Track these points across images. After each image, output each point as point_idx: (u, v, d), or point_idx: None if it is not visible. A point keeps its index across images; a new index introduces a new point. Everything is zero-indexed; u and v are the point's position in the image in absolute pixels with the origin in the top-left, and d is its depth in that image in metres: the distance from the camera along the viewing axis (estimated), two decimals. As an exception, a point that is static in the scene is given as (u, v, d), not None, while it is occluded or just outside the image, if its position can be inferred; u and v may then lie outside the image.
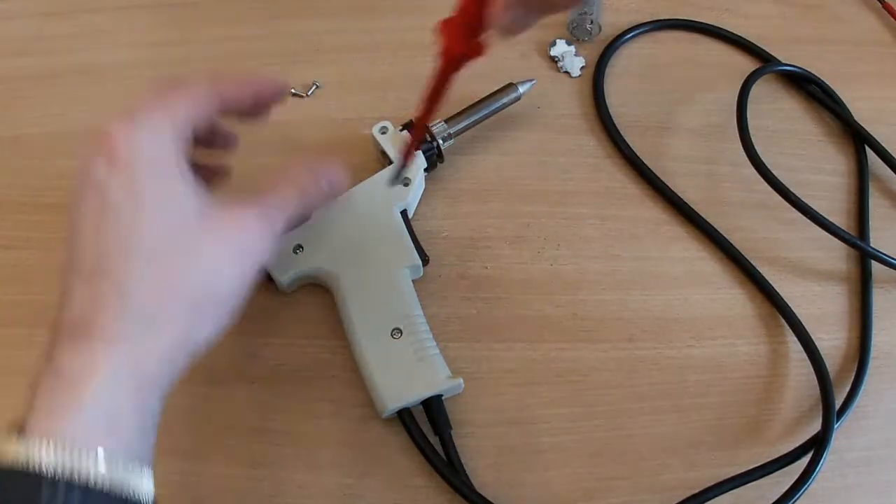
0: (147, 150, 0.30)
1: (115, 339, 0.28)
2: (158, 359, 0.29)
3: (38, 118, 0.49)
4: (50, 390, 0.27)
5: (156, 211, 0.30)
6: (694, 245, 0.46)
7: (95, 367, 0.28)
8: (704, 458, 0.40)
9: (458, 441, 0.39)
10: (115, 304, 0.28)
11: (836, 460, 0.39)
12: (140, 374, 0.28)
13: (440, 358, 0.39)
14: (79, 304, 0.29)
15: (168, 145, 0.31)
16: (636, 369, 0.42)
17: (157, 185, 0.30)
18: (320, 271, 0.41)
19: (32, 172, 0.47)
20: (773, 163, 0.45)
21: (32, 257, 0.44)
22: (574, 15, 0.52)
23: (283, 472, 0.39)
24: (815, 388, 0.41)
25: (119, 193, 0.29)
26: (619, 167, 0.48)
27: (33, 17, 0.54)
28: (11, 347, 0.42)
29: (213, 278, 0.31)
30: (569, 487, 0.39)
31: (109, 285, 0.29)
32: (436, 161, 0.45)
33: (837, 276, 0.45)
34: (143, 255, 0.29)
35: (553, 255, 0.45)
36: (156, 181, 0.30)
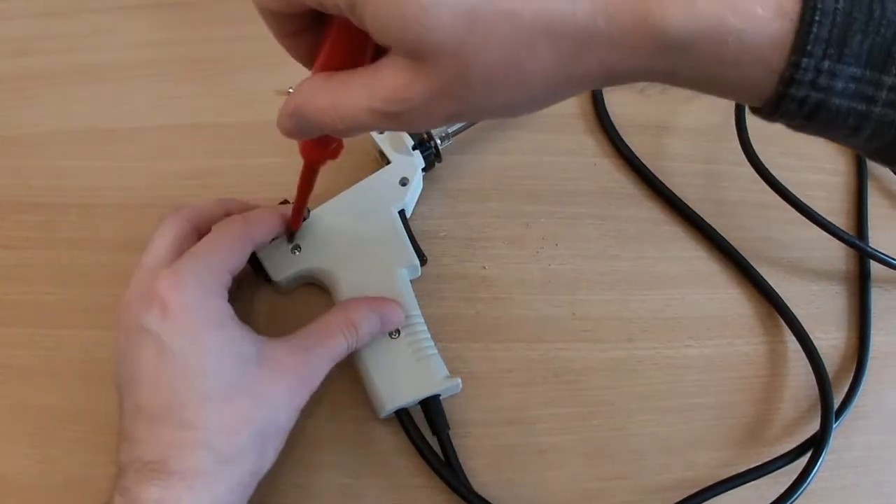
0: (197, 301, 0.33)
1: (195, 477, 0.31)
2: (232, 491, 0.32)
3: (38, 118, 0.49)
4: None
5: (218, 355, 0.33)
6: (693, 245, 0.46)
7: (179, 500, 0.30)
8: (703, 458, 0.40)
9: (457, 441, 0.39)
10: (193, 446, 0.31)
11: (835, 460, 0.39)
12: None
13: (438, 358, 0.39)
14: (154, 446, 0.31)
15: (216, 295, 0.34)
16: (635, 369, 0.42)
17: (214, 331, 0.33)
18: (318, 271, 0.41)
19: (32, 172, 0.47)
20: (772, 163, 0.45)
21: (32, 257, 0.44)
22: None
23: (282, 472, 0.39)
24: (813, 388, 0.41)
25: (177, 340, 0.32)
26: (618, 167, 0.48)
27: (33, 17, 0.54)
28: (11, 347, 0.42)
29: (275, 413, 0.34)
30: (567, 487, 0.39)
31: (182, 429, 0.31)
32: (434, 161, 0.45)
33: (836, 276, 0.45)
34: (213, 399, 0.32)
35: (552, 255, 0.45)
36: (212, 328, 0.33)
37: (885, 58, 0.23)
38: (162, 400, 0.32)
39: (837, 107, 0.23)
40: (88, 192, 0.46)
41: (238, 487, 0.32)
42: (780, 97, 0.24)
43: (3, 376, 0.41)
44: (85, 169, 0.47)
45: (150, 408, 0.32)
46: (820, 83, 0.23)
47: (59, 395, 0.40)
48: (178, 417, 0.32)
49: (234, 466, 0.32)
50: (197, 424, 0.32)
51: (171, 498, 0.30)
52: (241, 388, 0.33)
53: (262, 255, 0.41)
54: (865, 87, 0.23)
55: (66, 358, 0.41)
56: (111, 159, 0.47)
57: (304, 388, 0.35)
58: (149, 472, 0.31)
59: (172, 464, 0.31)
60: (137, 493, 0.30)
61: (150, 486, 0.30)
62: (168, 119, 0.49)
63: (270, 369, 0.34)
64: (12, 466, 0.39)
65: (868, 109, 0.23)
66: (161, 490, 0.30)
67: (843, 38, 0.22)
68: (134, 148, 0.48)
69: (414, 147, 0.44)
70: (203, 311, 0.33)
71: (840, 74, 0.23)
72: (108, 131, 0.49)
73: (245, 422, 0.32)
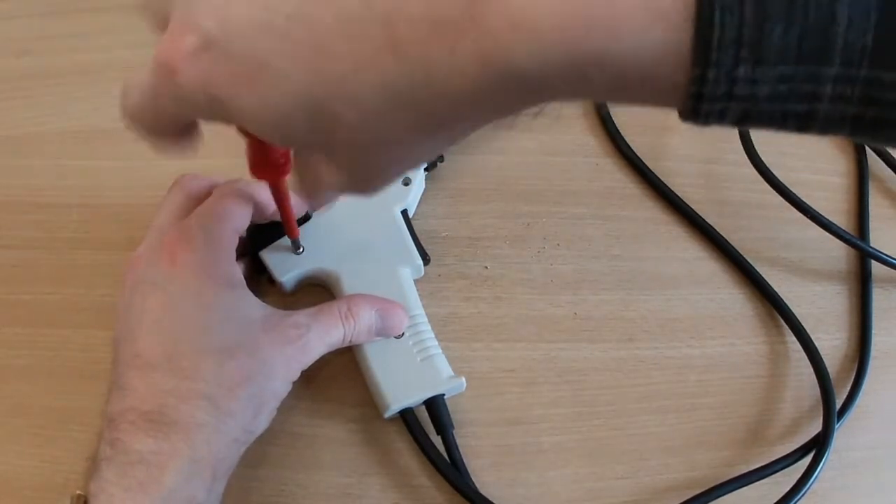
0: (206, 257, 0.33)
1: (192, 429, 0.30)
2: (229, 447, 0.32)
3: (38, 118, 0.49)
4: (125, 472, 0.29)
5: (223, 313, 0.33)
6: (694, 245, 0.46)
7: (176, 453, 0.30)
8: (705, 459, 0.40)
9: (460, 441, 0.39)
10: (191, 396, 0.31)
11: (837, 460, 0.39)
12: (214, 459, 0.31)
13: (442, 357, 0.39)
14: (151, 395, 0.31)
15: (224, 253, 0.34)
16: (636, 369, 0.42)
17: (221, 289, 0.33)
18: (321, 271, 0.41)
19: (33, 172, 0.47)
20: (773, 163, 0.45)
21: (32, 257, 0.44)
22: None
23: (284, 472, 0.39)
24: (815, 389, 0.41)
25: (184, 293, 0.32)
26: (619, 167, 0.48)
27: (33, 17, 0.54)
28: (11, 347, 0.41)
29: (272, 379, 0.33)
30: (570, 487, 0.39)
31: (184, 380, 0.31)
32: (436, 161, 0.45)
33: (837, 276, 0.45)
34: (213, 354, 0.32)
35: (553, 255, 0.45)
36: (219, 286, 0.33)
37: (821, 45, 0.18)
38: (162, 349, 0.31)
39: (770, 113, 0.19)
40: (89, 192, 0.46)
41: (234, 444, 0.32)
42: (695, 113, 0.19)
43: (3, 376, 0.41)
44: (85, 169, 0.47)
45: (149, 356, 0.31)
46: (738, 93, 0.19)
47: (59, 395, 0.40)
48: (178, 367, 0.31)
49: (231, 421, 0.31)
50: (196, 376, 0.31)
51: (168, 450, 0.29)
52: (243, 347, 0.32)
53: (265, 256, 0.41)
54: (803, 86, 0.19)
55: (66, 358, 0.41)
56: (111, 159, 0.47)
57: (300, 361, 0.35)
58: (145, 423, 0.30)
59: (170, 413, 0.30)
60: (130, 444, 0.29)
61: (146, 436, 0.29)
62: (169, 119, 0.49)
63: (272, 336, 0.34)
64: (12, 466, 0.38)
65: (812, 108, 0.19)
66: (157, 441, 0.29)
67: (759, 35, 0.18)
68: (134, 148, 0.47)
69: (416, 147, 0.44)
70: (211, 269, 0.33)
71: (764, 79, 0.18)
72: (108, 131, 0.49)
73: (244, 379, 0.32)
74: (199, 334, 0.32)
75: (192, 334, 0.32)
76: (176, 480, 0.29)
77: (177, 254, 0.33)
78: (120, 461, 0.29)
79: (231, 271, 0.34)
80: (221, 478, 0.32)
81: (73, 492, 0.29)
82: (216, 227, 0.34)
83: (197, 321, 0.32)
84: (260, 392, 0.33)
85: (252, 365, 0.32)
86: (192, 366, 0.31)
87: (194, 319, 0.32)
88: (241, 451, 0.33)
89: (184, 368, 0.31)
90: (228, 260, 0.34)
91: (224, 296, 0.33)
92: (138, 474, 0.29)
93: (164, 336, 0.32)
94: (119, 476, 0.29)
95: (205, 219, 0.35)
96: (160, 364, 0.31)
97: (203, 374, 0.31)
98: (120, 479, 0.29)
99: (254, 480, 0.38)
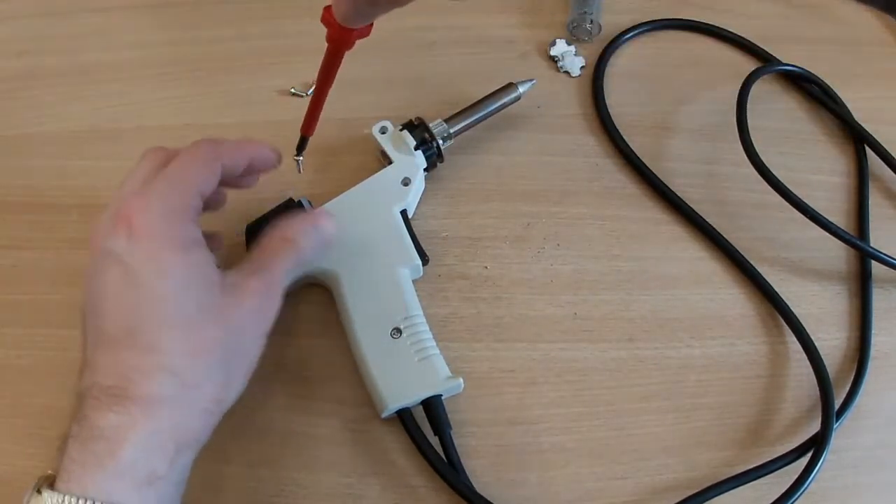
0: (164, 223, 0.32)
1: (153, 402, 0.30)
2: (195, 419, 0.31)
3: (38, 118, 0.49)
4: (85, 447, 0.29)
5: (183, 280, 0.32)
6: (694, 245, 0.46)
7: (135, 427, 0.29)
8: (704, 458, 0.40)
9: (458, 441, 0.39)
10: (153, 369, 0.30)
11: (836, 460, 0.39)
12: (178, 433, 0.30)
13: (440, 358, 0.39)
14: (113, 370, 0.30)
15: (183, 219, 0.33)
16: (636, 369, 0.42)
17: (179, 255, 0.32)
18: (320, 271, 0.41)
19: (32, 172, 0.47)
20: (773, 163, 0.45)
21: (32, 257, 0.44)
22: (574, 14, 0.52)
23: (283, 472, 0.39)
24: (814, 388, 0.41)
25: (141, 267, 0.31)
26: (619, 167, 0.48)
27: (33, 17, 0.54)
28: (11, 347, 0.42)
29: (240, 337, 0.33)
30: (569, 487, 0.39)
31: (145, 353, 0.30)
32: (436, 161, 0.45)
33: (837, 276, 0.45)
34: (175, 324, 0.31)
35: (553, 255, 0.45)
36: (177, 251, 0.32)
37: None
38: (124, 324, 0.31)
39: None
40: (89, 191, 0.46)
41: (202, 414, 0.32)
42: None
43: (3, 376, 0.41)
44: (85, 169, 0.47)
45: (112, 332, 0.31)
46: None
47: (60, 395, 0.40)
48: (140, 341, 0.30)
49: (196, 392, 0.31)
50: (159, 348, 0.30)
51: (128, 424, 0.29)
52: (206, 312, 0.32)
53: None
54: None
55: (66, 358, 0.41)
56: (111, 159, 0.47)
57: (268, 310, 0.35)
58: (107, 398, 0.30)
59: (132, 389, 0.30)
60: (94, 420, 0.29)
61: (108, 412, 0.29)
62: (168, 119, 0.49)
63: (233, 294, 0.33)
64: (12, 466, 0.39)
65: None
66: (118, 416, 0.29)
67: None
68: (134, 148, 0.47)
69: (416, 147, 0.44)
70: (169, 235, 0.32)
71: None
72: (108, 131, 0.49)
73: (209, 346, 0.31)
74: (159, 306, 0.31)
75: (153, 307, 0.31)
76: (133, 454, 0.29)
77: (133, 223, 0.31)
78: (83, 437, 0.29)
79: (189, 235, 0.33)
80: (187, 450, 0.31)
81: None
82: (173, 193, 0.33)
83: (156, 292, 0.31)
84: (228, 358, 0.32)
85: (216, 332, 0.32)
86: (154, 339, 0.31)
87: (154, 291, 0.31)
88: (213, 421, 0.32)
89: (146, 342, 0.30)
90: (186, 224, 0.33)
91: (183, 262, 0.32)
92: (97, 449, 0.29)
93: (125, 311, 0.31)
94: (80, 452, 0.29)
95: (162, 184, 0.33)
96: (122, 339, 0.31)
97: (165, 347, 0.31)
98: (80, 456, 0.29)
99: (254, 480, 0.39)
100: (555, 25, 0.53)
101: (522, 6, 0.54)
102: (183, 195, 0.33)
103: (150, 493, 0.29)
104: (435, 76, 0.51)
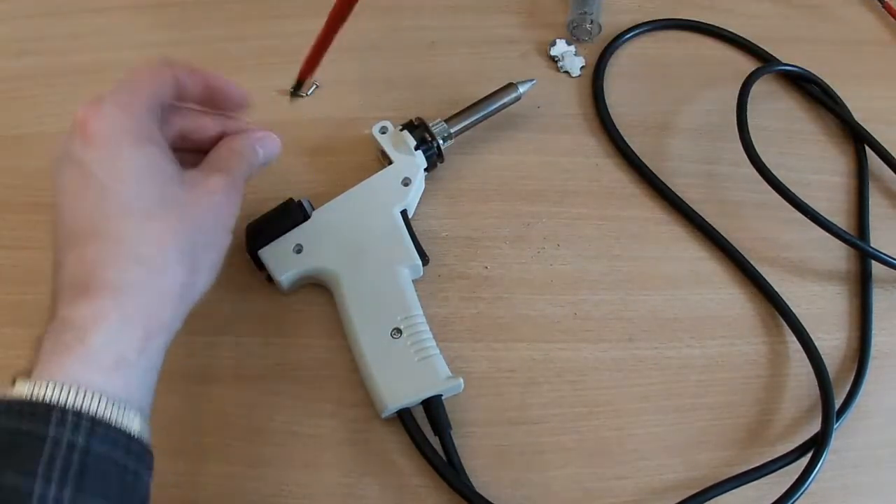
0: (117, 123, 0.32)
1: (121, 289, 0.30)
2: (164, 305, 0.32)
3: (38, 118, 0.49)
4: (57, 338, 0.29)
5: (140, 173, 0.32)
6: (694, 245, 0.46)
7: (104, 314, 0.30)
8: (704, 458, 0.40)
9: (458, 441, 0.39)
10: (118, 259, 0.31)
11: (836, 460, 0.39)
12: (147, 319, 0.31)
13: (440, 358, 0.39)
14: (80, 266, 0.31)
15: (137, 117, 0.33)
16: (636, 369, 0.42)
17: (134, 150, 0.33)
18: (320, 271, 0.41)
19: (32, 172, 0.47)
20: (773, 163, 0.45)
21: (32, 257, 0.44)
22: (574, 14, 0.52)
23: (283, 472, 0.39)
24: (814, 388, 0.41)
25: (98, 165, 0.32)
26: (619, 167, 0.48)
27: (33, 17, 0.54)
28: (11, 347, 0.42)
29: (202, 230, 0.34)
30: (569, 487, 0.39)
31: (109, 244, 0.31)
32: (436, 161, 0.45)
33: (837, 276, 0.45)
34: (137, 214, 0.32)
35: (553, 255, 0.45)
36: (133, 149, 0.33)
37: None
38: (87, 220, 0.32)
39: None
40: (89, 191, 0.46)
41: (170, 301, 0.32)
42: None
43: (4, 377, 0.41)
44: (85, 169, 0.47)
45: (76, 230, 0.32)
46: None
47: (60, 395, 0.40)
48: (104, 234, 0.31)
49: (163, 278, 0.32)
50: (122, 238, 0.31)
51: (98, 313, 0.30)
52: (165, 202, 0.33)
53: (265, 255, 0.41)
54: None
55: (67, 358, 0.41)
56: (112, 159, 0.47)
57: (229, 206, 0.36)
58: (76, 292, 0.30)
59: (99, 279, 0.30)
60: (65, 314, 0.30)
61: (79, 304, 0.30)
62: (168, 119, 0.49)
63: (194, 189, 0.34)
64: (13, 467, 0.38)
65: None
66: (88, 306, 0.30)
67: None
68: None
69: (416, 147, 0.44)
70: (122, 132, 0.33)
71: None
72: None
73: (171, 234, 0.32)
74: (118, 199, 0.32)
75: (112, 200, 0.32)
76: (101, 340, 0.29)
77: (88, 125, 0.32)
78: (55, 332, 0.30)
79: (143, 133, 0.33)
80: (157, 337, 0.31)
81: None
82: (123, 93, 0.34)
83: (116, 185, 0.32)
84: (191, 247, 0.33)
85: (178, 222, 0.33)
86: (116, 230, 0.31)
87: (113, 184, 0.32)
88: (182, 307, 0.33)
89: (109, 234, 0.31)
90: (141, 120, 0.33)
91: (140, 155, 0.33)
92: (67, 339, 0.29)
93: (86, 208, 0.32)
94: (52, 344, 0.29)
95: (114, 90, 0.34)
96: (86, 235, 0.31)
97: (128, 237, 0.31)
98: (52, 347, 0.29)
99: (254, 480, 0.39)
100: (555, 25, 0.53)
101: (522, 6, 0.54)
102: (134, 95, 0.34)
103: (118, 379, 0.29)
104: (435, 76, 0.51)
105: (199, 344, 0.41)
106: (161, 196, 0.33)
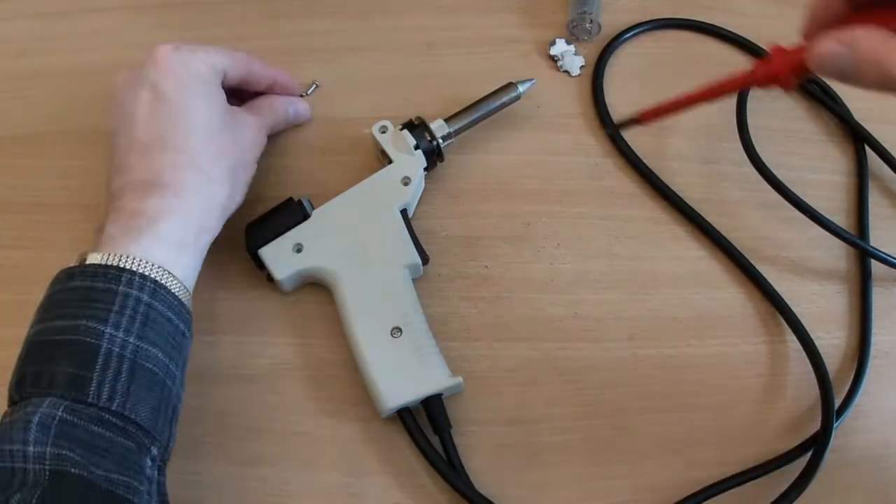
0: (188, 66, 0.39)
1: (184, 189, 0.37)
2: (213, 210, 0.39)
3: (38, 118, 0.49)
4: (127, 224, 0.36)
5: (205, 101, 0.39)
6: (694, 245, 0.46)
7: (171, 207, 0.36)
8: (704, 458, 0.40)
9: (458, 440, 0.39)
10: (184, 166, 0.37)
11: (836, 459, 0.39)
12: (202, 218, 0.38)
13: (440, 357, 0.39)
14: (148, 168, 0.37)
15: (205, 68, 0.40)
16: (636, 369, 0.42)
17: (203, 89, 0.40)
18: (320, 270, 0.41)
19: (32, 172, 0.47)
20: (773, 162, 0.45)
21: (32, 257, 0.44)
22: (574, 14, 0.52)
23: (283, 472, 0.39)
24: (814, 388, 0.41)
25: (171, 88, 0.38)
26: (619, 167, 0.48)
27: (33, 17, 0.54)
28: (12, 347, 0.41)
29: (243, 154, 0.42)
30: (569, 486, 0.39)
31: (175, 153, 0.38)
32: (436, 160, 0.45)
33: (837, 276, 0.45)
34: (200, 131, 0.39)
35: (553, 255, 0.45)
36: (199, 83, 0.39)
37: None
38: (156, 132, 0.38)
39: None
40: (89, 191, 0.46)
41: (218, 207, 0.39)
42: None
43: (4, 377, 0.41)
44: (86, 169, 0.47)
45: (145, 139, 0.38)
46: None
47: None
48: (170, 144, 0.37)
49: (216, 187, 0.39)
50: (185, 149, 0.38)
51: (165, 206, 0.36)
52: (222, 127, 0.40)
53: (264, 255, 0.41)
54: None
55: (67, 358, 0.41)
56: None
57: (260, 141, 0.44)
58: (145, 188, 0.36)
59: (166, 178, 0.37)
60: (133, 207, 0.36)
61: (147, 198, 0.36)
62: (169, 119, 0.49)
63: (237, 120, 0.42)
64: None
65: None
66: (156, 200, 0.36)
67: None
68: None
69: (416, 147, 0.44)
70: (193, 70, 0.39)
71: None
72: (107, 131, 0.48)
73: (224, 152, 0.39)
74: (186, 117, 0.38)
75: (181, 118, 0.38)
76: (166, 226, 0.36)
77: (165, 59, 0.39)
78: (122, 219, 0.36)
79: (209, 75, 0.40)
80: (206, 233, 0.38)
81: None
82: (199, 50, 0.40)
83: (183, 107, 0.38)
84: (236, 165, 0.40)
85: (229, 142, 0.40)
86: (182, 142, 0.38)
87: (181, 105, 0.38)
88: (224, 217, 0.40)
89: (176, 145, 0.38)
90: (208, 73, 0.40)
91: (205, 89, 0.40)
92: (139, 224, 0.35)
93: (157, 121, 0.38)
94: (121, 228, 0.35)
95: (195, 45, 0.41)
96: (154, 143, 0.37)
97: (192, 149, 0.38)
98: (120, 231, 0.35)
99: (254, 480, 0.39)
100: (555, 25, 0.53)
101: (522, 6, 0.54)
102: (207, 55, 0.40)
103: (177, 258, 0.36)
104: (435, 76, 0.51)
105: (199, 344, 0.41)
106: (220, 120, 0.40)
